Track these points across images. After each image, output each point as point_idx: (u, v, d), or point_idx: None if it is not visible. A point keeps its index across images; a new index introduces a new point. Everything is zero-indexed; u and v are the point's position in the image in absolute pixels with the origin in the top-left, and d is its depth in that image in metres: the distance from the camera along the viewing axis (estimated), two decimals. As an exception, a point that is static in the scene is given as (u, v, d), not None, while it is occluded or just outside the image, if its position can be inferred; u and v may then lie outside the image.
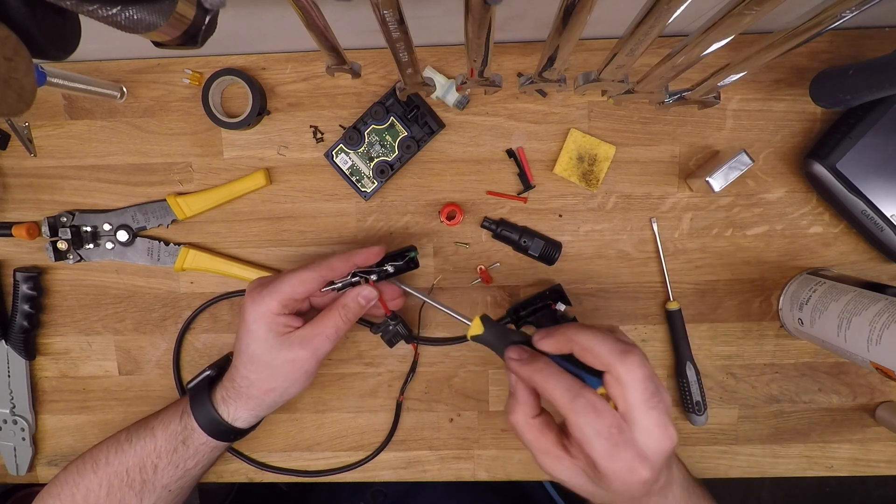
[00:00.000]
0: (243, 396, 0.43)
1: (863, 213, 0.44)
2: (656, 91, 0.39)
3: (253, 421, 0.45)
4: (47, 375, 0.53)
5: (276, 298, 0.40)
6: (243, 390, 0.43)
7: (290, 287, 0.40)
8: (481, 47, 0.30)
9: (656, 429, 0.32)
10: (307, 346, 0.41)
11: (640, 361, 0.32)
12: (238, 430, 0.44)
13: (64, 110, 0.50)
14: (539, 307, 0.48)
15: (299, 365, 0.41)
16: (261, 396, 0.43)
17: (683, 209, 0.49)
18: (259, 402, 0.43)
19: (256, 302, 0.41)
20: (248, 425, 0.45)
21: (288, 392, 0.43)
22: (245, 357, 0.42)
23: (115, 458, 0.44)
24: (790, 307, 0.48)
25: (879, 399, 0.51)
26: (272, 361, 0.41)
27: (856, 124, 0.43)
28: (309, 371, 0.42)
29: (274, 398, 0.43)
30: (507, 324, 0.49)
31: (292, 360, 0.41)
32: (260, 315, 0.41)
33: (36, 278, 0.50)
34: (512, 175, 0.49)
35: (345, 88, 0.48)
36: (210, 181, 0.50)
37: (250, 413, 0.44)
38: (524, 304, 0.49)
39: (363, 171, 0.48)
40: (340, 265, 0.42)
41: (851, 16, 0.25)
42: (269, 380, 0.42)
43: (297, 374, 0.42)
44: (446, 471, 0.53)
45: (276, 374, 0.42)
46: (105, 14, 0.22)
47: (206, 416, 0.43)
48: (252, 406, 0.43)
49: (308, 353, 0.41)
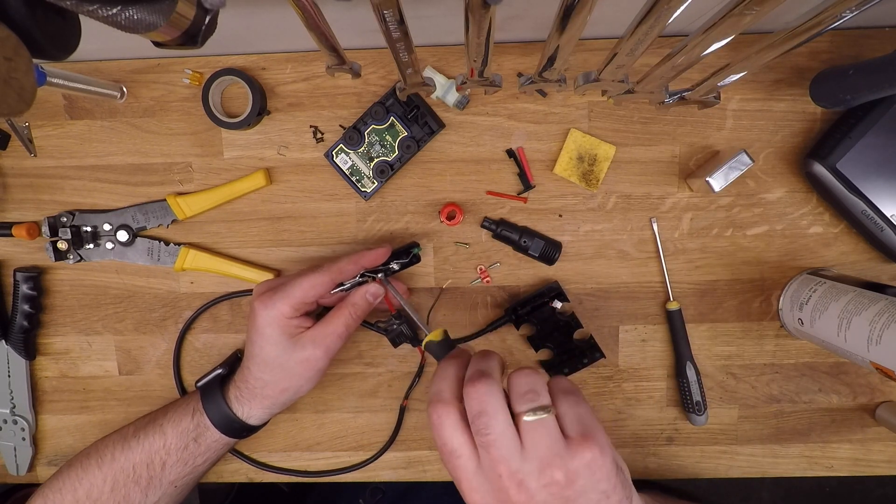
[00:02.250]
0: (258, 397, 0.44)
1: (863, 213, 0.44)
2: (656, 91, 0.39)
3: (267, 418, 0.46)
4: (47, 375, 0.53)
5: (288, 303, 0.41)
6: (258, 391, 0.44)
7: (301, 291, 0.42)
8: (481, 47, 0.30)
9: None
10: (319, 346, 0.42)
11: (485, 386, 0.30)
12: (251, 426, 0.45)
13: (64, 110, 0.50)
14: (537, 305, 0.48)
15: (312, 364, 0.42)
16: (276, 396, 0.44)
17: (683, 209, 0.49)
18: (274, 401, 0.44)
19: (268, 306, 0.42)
20: (262, 422, 0.46)
21: (302, 390, 0.44)
22: (258, 360, 0.43)
23: (121, 455, 0.44)
24: (790, 307, 0.48)
25: (879, 399, 0.51)
26: (286, 363, 0.42)
27: (856, 124, 0.43)
28: (322, 369, 0.43)
29: (289, 396, 0.44)
30: (506, 323, 0.50)
31: (306, 360, 0.42)
32: (272, 319, 0.42)
33: (36, 278, 0.50)
34: (512, 175, 0.49)
35: (345, 88, 0.48)
36: (210, 181, 0.50)
37: (265, 411, 0.45)
38: (522, 302, 0.49)
39: (363, 171, 0.48)
40: (349, 268, 0.44)
41: (851, 16, 0.25)
42: (283, 380, 0.43)
43: (310, 373, 0.43)
44: (446, 471, 0.53)
45: (290, 375, 0.43)
46: (105, 14, 0.22)
47: (220, 414, 0.44)
48: (267, 405, 0.44)
49: (321, 352, 0.42)
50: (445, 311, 0.51)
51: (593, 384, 0.52)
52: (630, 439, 0.52)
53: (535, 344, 0.50)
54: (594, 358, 0.50)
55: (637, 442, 0.52)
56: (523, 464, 0.28)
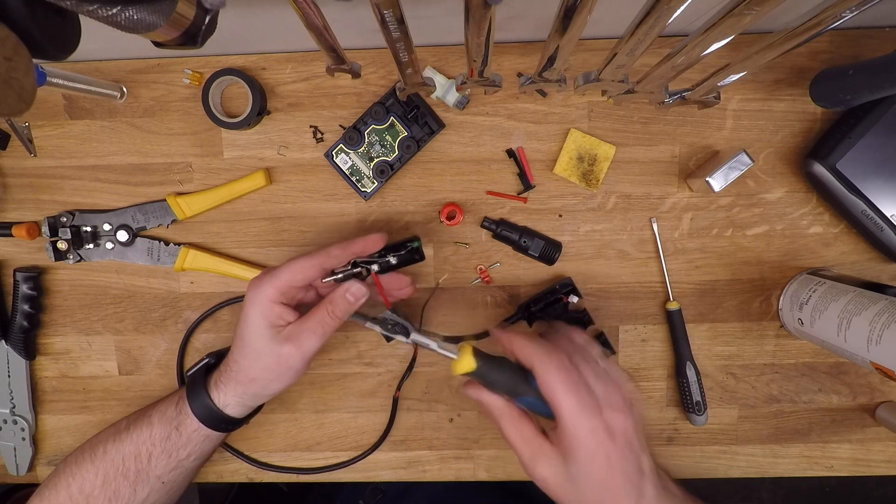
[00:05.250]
0: (232, 381, 0.43)
1: (863, 213, 0.44)
2: (656, 91, 0.39)
3: (242, 410, 0.44)
4: (47, 375, 0.53)
5: (274, 285, 0.40)
6: (233, 374, 0.42)
7: (288, 273, 0.40)
8: (481, 47, 0.30)
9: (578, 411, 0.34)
10: (293, 342, 0.40)
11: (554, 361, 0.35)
12: (229, 418, 0.44)
13: (64, 110, 0.50)
14: (551, 302, 0.48)
15: (284, 360, 0.41)
16: (246, 383, 0.42)
17: (683, 209, 0.49)
18: (245, 389, 0.42)
19: (256, 288, 0.41)
20: (239, 414, 0.44)
21: (271, 386, 0.42)
22: (239, 341, 0.42)
23: (112, 448, 0.44)
24: (790, 307, 0.48)
25: (879, 399, 0.51)
26: (260, 350, 0.41)
27: (856, 124, 0.43)
28: (295, 368, 0.41)
29: (256, 389, 0.42)
30: (519, 320, 0.49)
31: (278, 355, 0.41)
32: (258, 301, 0.41)
33: (36, 278, 0.50)
34: (512, 175, 0.49)
35: (345, 88, 0.48)
36: (210, 181, 0.50)
37: (237, 400, 0.43)
38: (535, 299, 0.49)
39: (363, 171, 0.48)
40: (338, 252, 0.42)
41: (851, 16, 0.25)
42: (253, 367, 0.42)
43: (281, 370, 0.41)
44: (446, 471, 0.53)
45: (261, 365, 0.41)
46: (105, 14, 0.22)
47: (199, 402, 0.43)
48: (239, 393, 0.43)
49: (293, 349, 0.40)
50: (445, 311, 0.51)
51: (593, 384, 0.52)
52: (630, 439, 0.52)
53: None
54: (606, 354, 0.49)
55: (637, 442, 0.52)
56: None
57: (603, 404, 0.35)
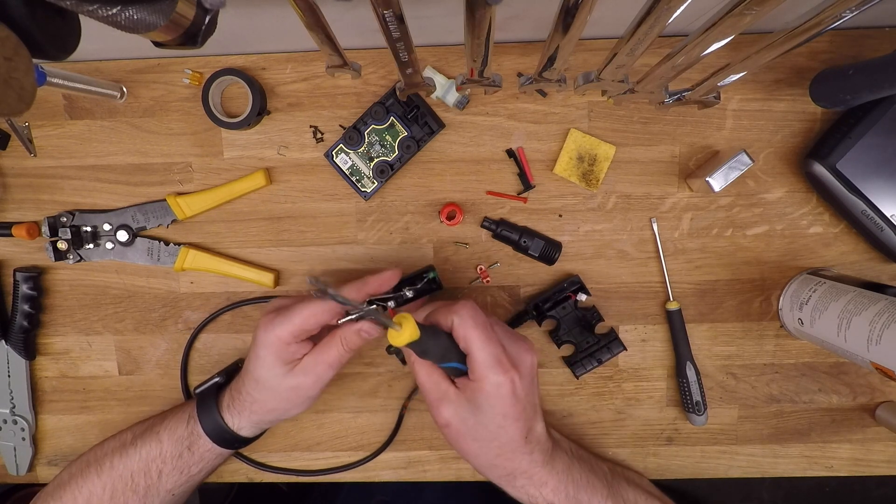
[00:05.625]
0: (247, 411, 0.44)
1: (863, 213, 0.44)
2: (656, 91, 0.39)
3: (256, 431, 0.46)
4: (47, 375, 0.53)
5: (287, 329, 0.40)
6: (247, 405, 0.44)
7: (301, 319, 0.40)
8: (481, 47, 0.30)
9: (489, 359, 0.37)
10: (310, 375, 0.41)
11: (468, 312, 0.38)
12: (242, 438, 0.45)
13: (64, 110, 0.50)
14: (560, 300, 0.48)
15: (302, 391, 0.42)
16: (263, 414, 0.44)
17: (683, 209, 0.49)
18: (262, 418, 0.44)
19: (268, 329, 0.41)
20: (253, 434, 0.46)
21: (289, 413, 0.44)
22: (251, 378, 0.43)
23: (119, 462, 0.44)
24: (790, 307, 0.48)
25: (879, 399, 0.51)
26: (277, 387, 0.42)
27: (856, 124, 0.43)
28: (312, 396, 0.43)
29: (276, 416, 0.44)
30: (529, 320, 0.50)
31: (296, 388, 0.42)
32: (270, 342, 0.41)
33: (36, 278, 0.50)
34: (512, 175, 0.49)
35: (345, 88, 0.48)
36: (210, 181, 0.50)
37: (253, 425, 0.45)
38: (544, 298, 0.49)
39: (363, 171, 0.48)
40: (352, 296, 0.41)
41: (851, 16, 0.25)
42: (271, 401, 0.43)
43: (299, 399, 0.43)
44: (446, 471, 0.53)
45: (278, 398, 0.43)
46: (105, 14, 0.22)
47: (212, 424, 0.44)
48: (255, 420, 0.44)
49: (311, 381, 0.42)
50: (445, 311, 0.51)
51: (593, 384, 0.52)
52: (630, 439, 0.52)
53: (557, 340, 0.50)
54: (616, 351, 0.50)
55: (637, 442, 0.52)
56: None
57: (513, 362, 0.38)
